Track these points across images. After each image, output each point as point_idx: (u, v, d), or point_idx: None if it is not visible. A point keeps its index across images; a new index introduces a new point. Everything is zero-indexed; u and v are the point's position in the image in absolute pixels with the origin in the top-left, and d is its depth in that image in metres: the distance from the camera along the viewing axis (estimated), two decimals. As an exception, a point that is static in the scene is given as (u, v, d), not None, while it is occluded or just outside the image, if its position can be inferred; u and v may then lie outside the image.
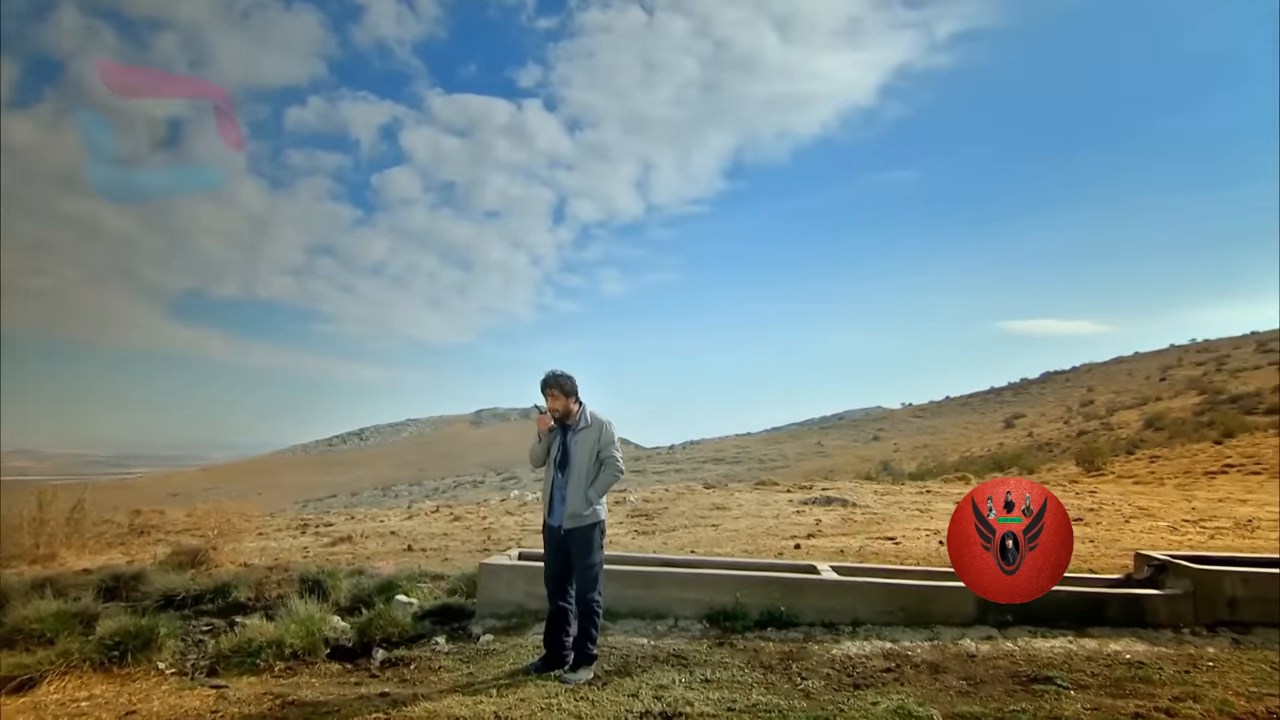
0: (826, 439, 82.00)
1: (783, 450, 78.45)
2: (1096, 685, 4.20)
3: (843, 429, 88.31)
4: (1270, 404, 41.30)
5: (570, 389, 4.60)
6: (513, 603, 5.46)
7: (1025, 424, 59.38)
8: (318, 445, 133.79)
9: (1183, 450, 33.15)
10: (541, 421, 4.66)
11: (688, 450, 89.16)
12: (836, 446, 78.69)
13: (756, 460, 74.02)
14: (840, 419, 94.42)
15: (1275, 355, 55.63)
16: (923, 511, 11.82)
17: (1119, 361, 75.36)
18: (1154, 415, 47.14)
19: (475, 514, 13.24)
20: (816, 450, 77.99)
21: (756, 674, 4.48)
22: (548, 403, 4.63)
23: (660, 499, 14.34)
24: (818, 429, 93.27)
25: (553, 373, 4.62)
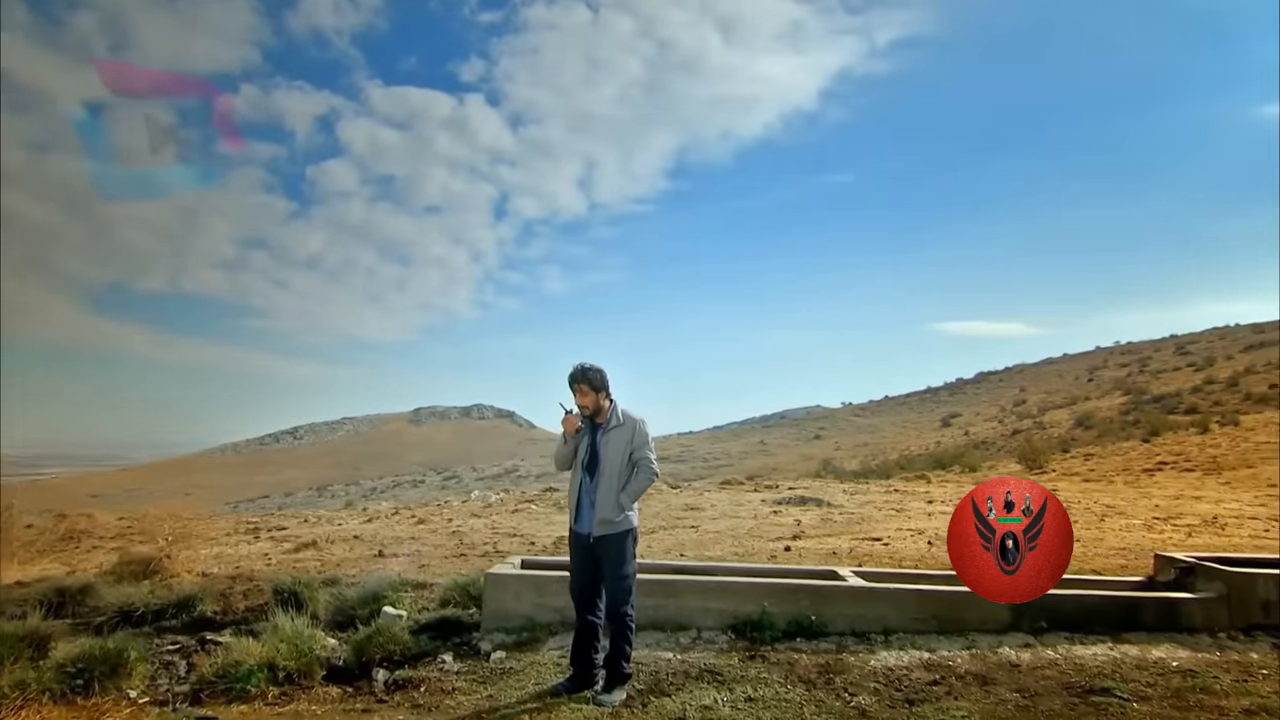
0: (769, 437, 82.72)
1: (726, 449, 78.82)
2: (1157, 697, 4.04)
3: (784, 428, 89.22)
4: (1190, 404, 43.21)
5: (600, 383, 4.24)
6: (522, 616, 5.07)
7: (962, 423, 60.88)
8: (249, 444, 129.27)
9: (1114, 448, 34.34)
10: (568, 422, 4.29)
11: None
12: (779, 445, 79.40)
13: (700, 459, 74.22)
14: (782, 418, 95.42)
15: (1193, 357, 58.23)
16: (898, 511, 11.77)
17: (1049, 363, 77.98)
18: (1083, 414, 48.86)
19: (439, 516, 12.70)
20: (759, 449, 78.57)
21: (800, 690, 4.20)
22: (576, 399, 4.26)
23: (629, 499, 14.01)
24: (760, 427, 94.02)
25: (581, 366, 4.25)
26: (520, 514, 12.72)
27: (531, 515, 12.50)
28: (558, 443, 4.42)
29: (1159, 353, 64.32)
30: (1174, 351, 62.58)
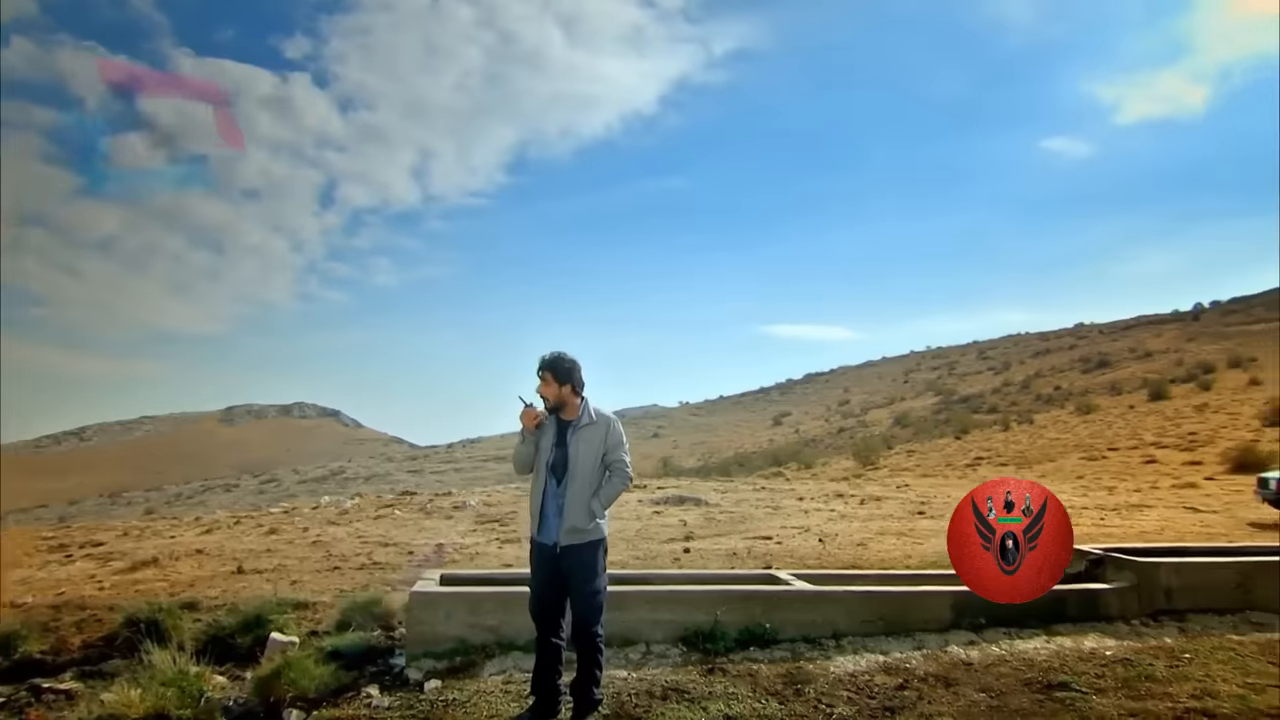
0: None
1: (567, 449, 78.30)
2: (1111, 688, 4.16)
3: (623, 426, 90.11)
4: (992, 404, 47.74)
5: (568, 375, 3.79)
6: (453, 638, 4.54)
7: (792, 421, 64.12)
8: (25, 446, 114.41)
9: (931, 445, 37.25)
10: (527, 416, 3.82)
11: (468, 449, 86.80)
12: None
13: (540, 458, 73.43)
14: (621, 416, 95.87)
15: (993, 361, 64.53)
16: (775, 509, 11.95)
17: (869, 365, 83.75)
18: (901, 414, 52.78)
19: (291, 525, 11.54)
20: (598, 447, 78.53)
21: (775, 705, 3.98)
22: (539, 389, 3.81)
23: (501, 502, 13.41)
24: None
25: (552, 352, 3.81)
26: (385, 520, 11.82)
27: (398, 521, 11.64)
28: (516, 442, 3.95)
29: (964, 357, 70.65)
30: (977, 356, 68.91)
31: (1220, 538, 8.78)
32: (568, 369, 3.78)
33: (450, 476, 66.58)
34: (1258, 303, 59.91)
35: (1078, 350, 58.35)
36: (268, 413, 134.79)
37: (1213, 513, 11.12)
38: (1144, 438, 26.18)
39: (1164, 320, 62.13)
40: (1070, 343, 63.64)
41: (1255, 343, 45.11)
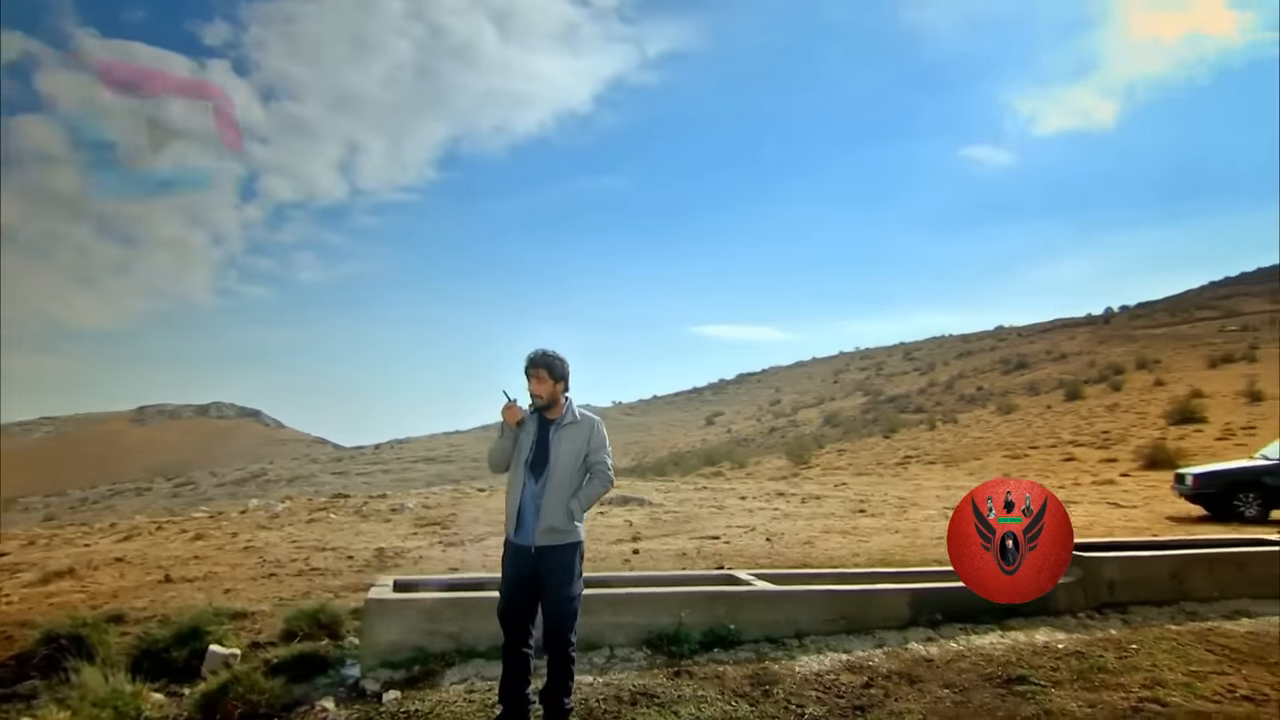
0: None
1: (496, 448, 77.43)
2: (1067, 681, 4.27)
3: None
4: (918, 404, 49.16)
5: (561, 373, 3.70)
6: (411, 646, 4.36)
7: (724, 421, 64.76)
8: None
9: (861, 444, 38.14)
10: (510, 412, 3.70)
11: (395, 449, 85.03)
12: (550, 443, 79.19)
13: (470, 459, 72.54)
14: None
15: (918, 362, 66.45)
16: (719, 509, 12.00)
17: (800, 365, 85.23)
18: (831, 413, 53.88)
19: (219, 530, 11.04)
20: (530, 448, 77.82)
21: (745, 707, 3.95)
22: (530, 387, 3.69)
23: (440, 504, 13.11)
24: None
25: (542, 351, 3.69)
26: (319, 524, 11.42)
27: (333, 525, 11.26)
28: (493, 438, 3.82)
29: (891, 358, 72.53)
30: (903, 357, 70.81)
31: (1144, 531, 9.18)
32: (561, 366, 3.69)
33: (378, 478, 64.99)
34: (1160, 308, 63.34)
35: (998, 352, 60.58)
36: (182, 413, 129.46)
37: (1134, 508, 11.64)
38: (1062, 436, 27.32)
39: (1077, 324, 65.10)
40: (991, 344, 66.05)
41: (1159, 345, 47.66)
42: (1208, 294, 65.92)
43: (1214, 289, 68.00)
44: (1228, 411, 26.84)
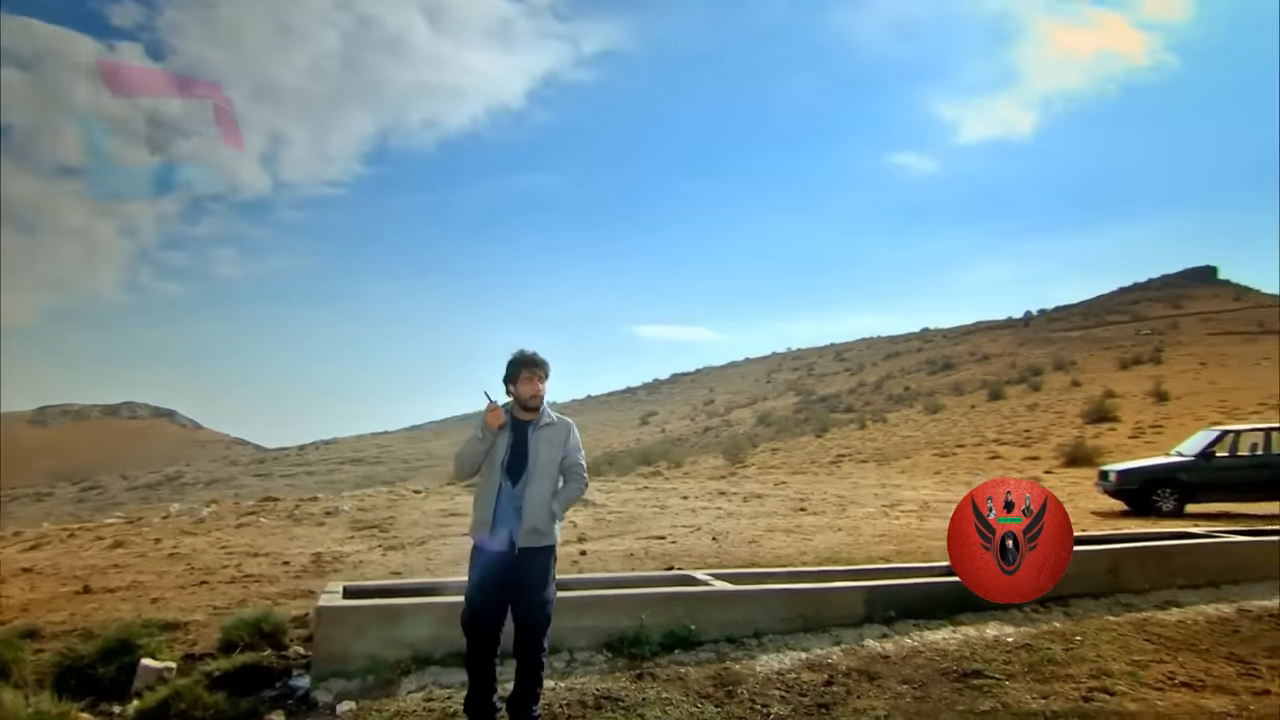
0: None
1: (429, 448, 76.44)
2: (1020, 673, 4.38)
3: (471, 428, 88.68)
4: (848, 403, 50.27)
5: (549, 373, 3.63)
6: (365, 655, 4.21)
7: (659, 421, 64.99)
8: None
9: (794, 443, 38.77)
10: (494, 415, 3.59)
11: (321, 451, 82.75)
12: (483, 444, 78.39)
13: (400, 460, 71.20)
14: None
15: (848, 363, 67.97)
16: (663, 509, 12.00)
17: (733, 366, 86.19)
18: (764, 413, 54.62)
19: (140, 536, 10.50)
20: (463, 448, 76.92)
21: (711, 708, 3.93)
22: (519, 389, 3.58)
23: (377, 507, 12.77)
24: (463, 425, 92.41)
25: (534, 351, 3.62)
26: (249, 528, 10.98)
27: (265, 529, 10.84)
28: (468, 441, 3.69)
29: (822, 358, 73.99)
30: (834, 358, 72.31)
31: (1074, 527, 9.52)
32: (549, 368, 3.61)
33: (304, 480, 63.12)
34: (1076, 311, 66.30)
35: (925, 353, 62.43)
36: (90, 413, 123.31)
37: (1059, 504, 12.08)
38: (986, 435, 28.28)
39: (999, 326, 67.64)
40: (918, 346, 68.06)
41: (1075, 347, 49.87)
42: (1118, 299, 69.36)
43: (1123, 294, 71.57)
44: (1138, 411, 28.24)
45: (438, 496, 14.43)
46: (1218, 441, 11.54)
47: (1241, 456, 11.43)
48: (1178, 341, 46.62)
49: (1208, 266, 77.76)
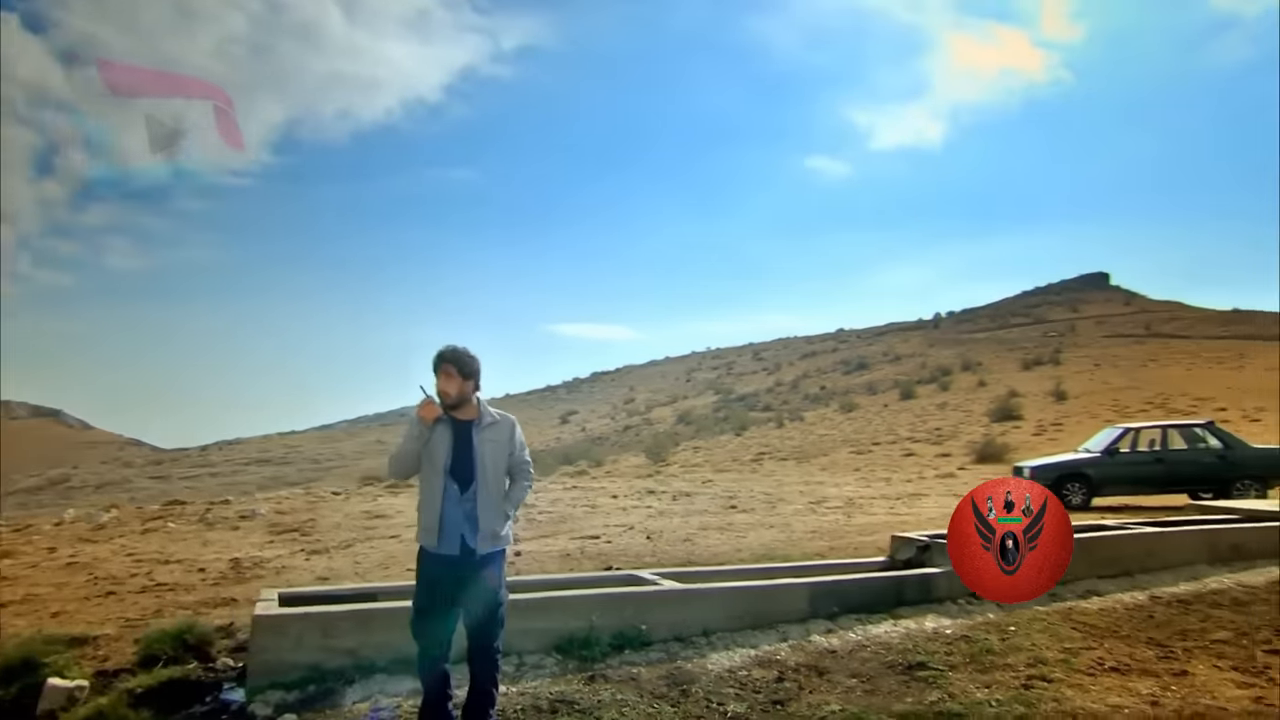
0: (388, 436, 79.64)
1: (339, 449, 74.29)
2: (961, 664, 4.51)
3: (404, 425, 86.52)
4: (766, 402, 51.22)
5: (471, 370, 3.49)
6: (305, 665, 4.01)
7: (579, 420, 64.77)
8: None
9: (715, 442, 39.27)
10: (428, 409, 3.45)
11: (224, 451, 79.24)
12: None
13: (310, 460, 68.86)
14: (402, 415, 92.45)
15: (766, 362, 69.23)
16: (593, 508, 11.93)
17: (653, 364, 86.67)
18: (684, 412, 55.09)
19: (31, 545, 9.79)
20: (378, 448, 75.30)
21: (667, 708, 3.91)
22: (439, 384, 3.46)
23: (295, 509, 12.27)
24: (377, 426, 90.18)
25: (452, 347, 3.48)
26: (157, 534, 10.39)
27: (174, 535, 10.28)
28: (403, 438, 3.55)
29: (740, 358, 75.13)
30: (752, 357, 73.51)
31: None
32: (471, 363, 3.48)
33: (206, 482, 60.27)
34: (981, 314, 69.29)
35: (839, 353, 64.17)
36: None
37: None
38: (900, 433, 29.26)
39: (910, 327, 70.14)
40: (833, 346, 69.90)
41: (980, 348, 52.12)
42: (1020, 302, 72.89)
43: (1025, 298, 75.31)
44: (1040, 409, 29.71)
45: (359, 498, 13.98)
46: (1121, 438, 12.25)
47: (1142, 453, 12.16)
48: (1075, 344, 49.32)
49: (1101, 273, 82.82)
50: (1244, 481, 11.14)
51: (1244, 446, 12.02)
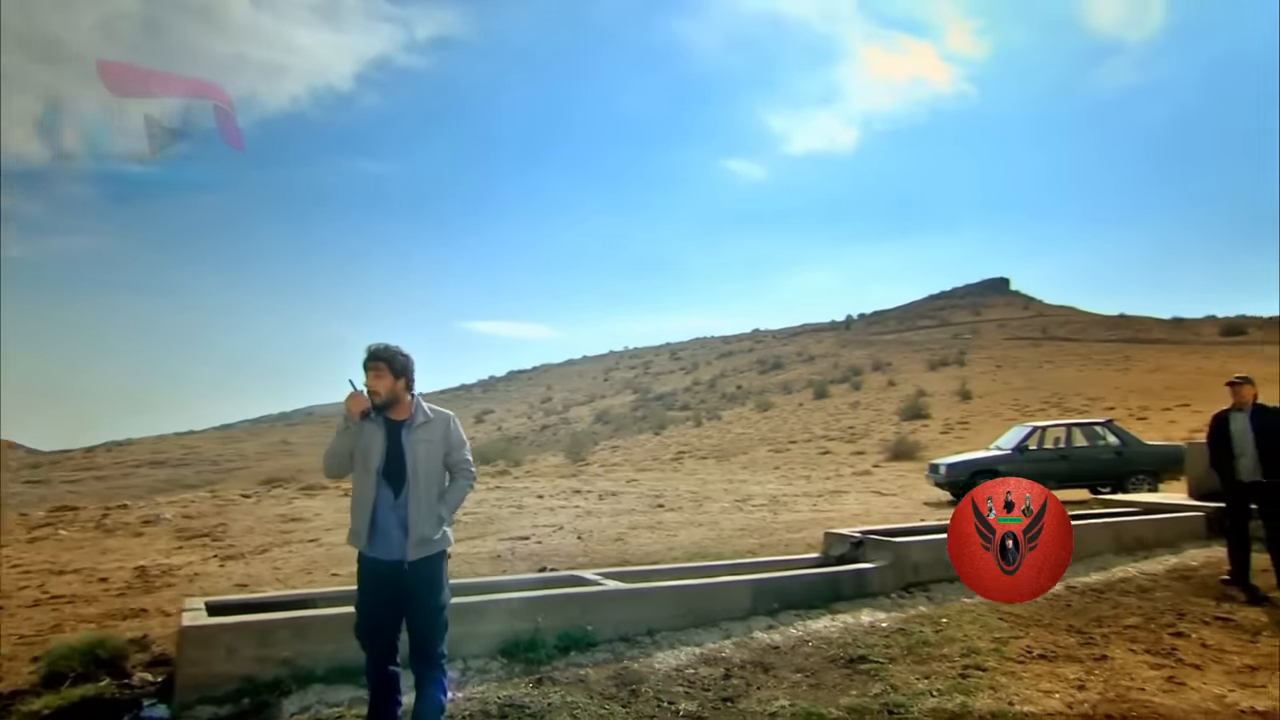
0: (294, 436, 76.89)
1: (240, 449, 71.13)
2: (900, 656, 4.63)
3: (312, 425, 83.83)
4: (684, 401, 51.72)
5: (402, 368, 3.35)
6: (238, 677, 3.80)
7: (495, 419, 63.98)
8: None
9: (634, 441, 39.43)
10: (355, 401, 3.29)
11: (113, 453, 74.84)
12: (306, 444, 74.18)
13: (209, 462, 65.67)
14: (309, 414, 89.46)
15: (683, 362, 69.86)
16: (520, 509, 11.78)
17: (570, 363, 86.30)
18: (602, 411, 55.10)
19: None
20: (281, 448, 72.61)
21: (618, 708, 3.87)
22: (369, 381, 3.31)
23: (203, 513, 11.67)
24: (282, 425, 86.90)
25: (383, 344, 3.35)
26: (47, 543, 9.71)
27: (67, 543, 9.63)
28: (335, 435, 3.38)
29: (658, 357, 75.57)
30: (669, 357, 74.05)
31: (913, 516, 10.26)
32: (403, 361, 3.35)
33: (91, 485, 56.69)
34: (890, 316, 71.73)
35: (755, 353, 65.33)
36: None
37: (895, 495, 13.00)
38: (815, 431, 29.99)
39: (823, 329, 72.05)
40: (749, 346, 71.15)
41: (890, 349, 53.95)
42: (926, 305, 75.84)
43: (931, 301, 78.42)
44: (946, 408, 30.95)
45: (272, 501, 13.40)
46: (1030, 436, 12.87)
47: (1048, 450, 12.81)
48: (978, 345, 51.61)
49: (1001, 278, 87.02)
50: (1138, 476, 11.87)
51: (1138, 443, 12.81)
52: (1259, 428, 6.06)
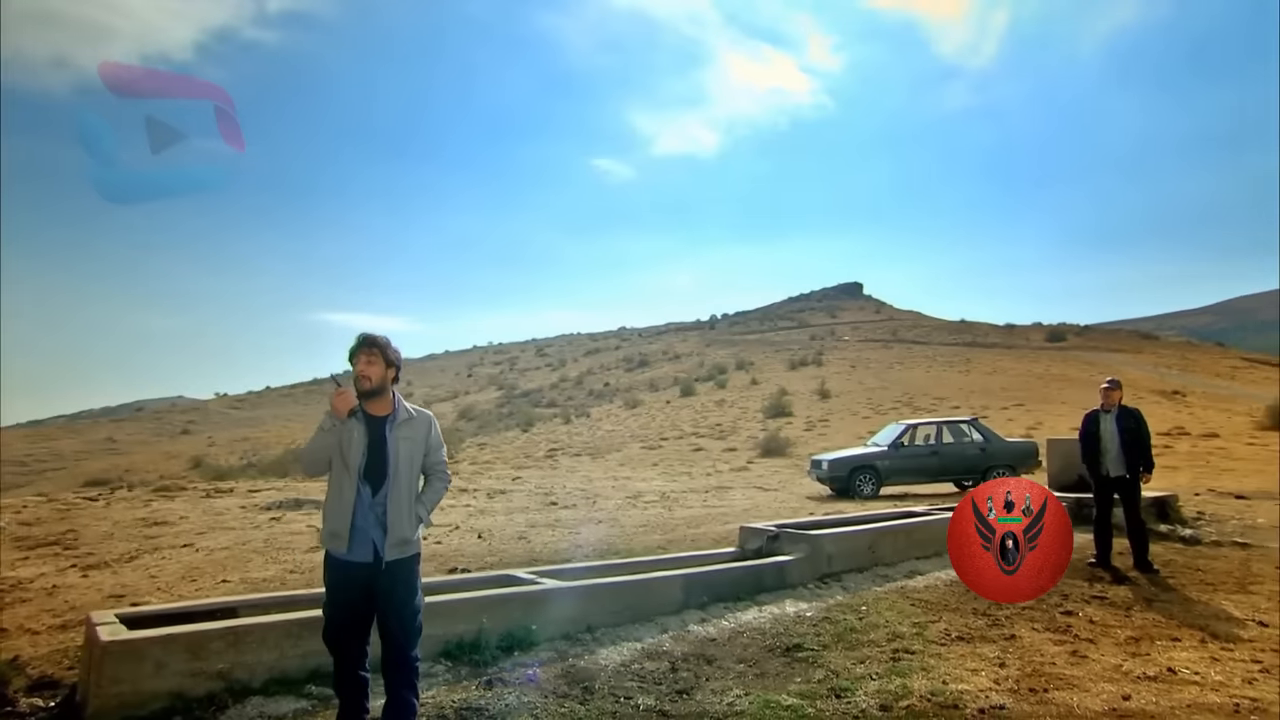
0: (120, 433, 70.62)
1: (55, 448, 64.62)
2: (831, 643, 4.84)
3: (142, 421, 77.24)
4: (551, 399, 51.49)
5: (394, 359, 3.24)
6: (167, 693, 3.48)
7: (352, 415, 61.22)
8: None
9: (501, 438, 38.88)
10: (342, 399, 3.14)
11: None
12: (135, 441, 68.38)
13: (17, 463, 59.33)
14: (138, 410, 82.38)
15: (550, 359, 69.44)
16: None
17: (432, 358, 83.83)
18: (466, 407, 53.95)
19: None
20: (107, 446, 66.53)
21: (577, 705, 3.85)
22: (360, 366, 3.16)
23: (44, 519, 10.51)
24: (108, 421, 79.56)
25: (370, 333, 3.19)
26: None
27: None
28: (316, 433, 3.19)
29: (524, 353, 74.77)
30: (535, 353, 73.42)
31: (800, 510, 10.70)
32: (395, 351, 3.22)
33: (-121, 489, 50.02)
34: (753, 316, 74.29)
35: (622, 351, 65.90)
36: None
37: (778, 490, 13.50)
38: (684, 428, 30.61)
39: (688, 327, 73.65)
40: (616, 343, 71.62)
41: (753, 349, 55.90)
42: (786, 307, 79.13)
43: (791, 303, 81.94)
44: (808, 407, 32.40)
45: (125, 504, 12.26)
46: (904, 434, 13.72)
47: (920, 446, 13.70)
48: (834, 347, 54.38)
49: (855, 283, 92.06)
50: (999, 470, 12.91)
51: (999, 440, 13.94)
52: (1123, 428, 6.77)
